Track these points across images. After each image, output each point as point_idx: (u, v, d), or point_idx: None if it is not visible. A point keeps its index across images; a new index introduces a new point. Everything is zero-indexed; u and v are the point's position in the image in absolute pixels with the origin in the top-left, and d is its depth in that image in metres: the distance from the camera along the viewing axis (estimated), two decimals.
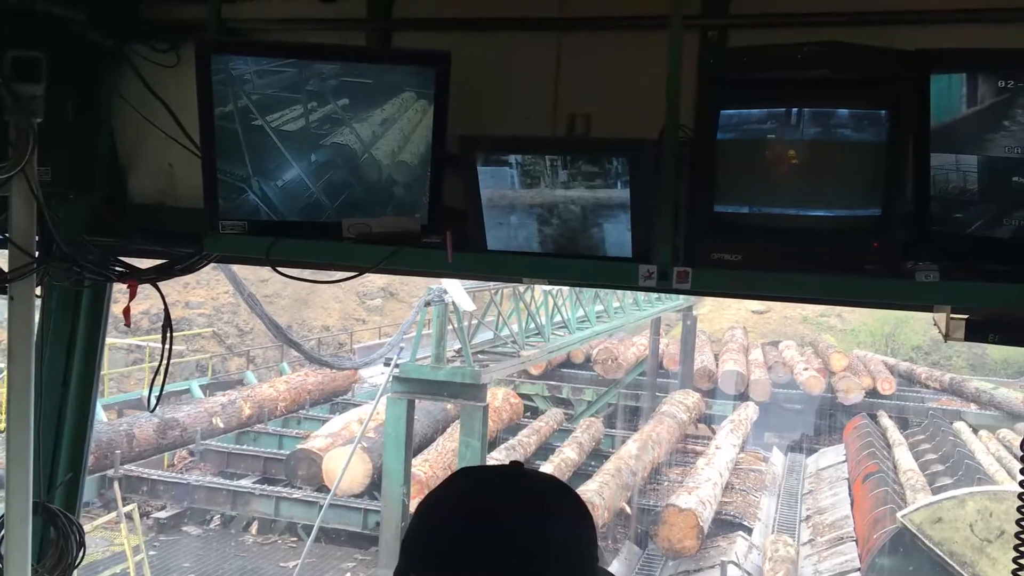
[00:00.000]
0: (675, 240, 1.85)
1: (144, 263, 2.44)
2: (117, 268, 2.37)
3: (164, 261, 2.37)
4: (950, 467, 15.19)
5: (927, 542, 9.50)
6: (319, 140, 2.01)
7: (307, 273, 2.34)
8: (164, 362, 2.37)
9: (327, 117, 2.00)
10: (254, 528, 14.66)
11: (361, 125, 2.01)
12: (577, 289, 15.54)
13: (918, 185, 1.71)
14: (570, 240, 1.92)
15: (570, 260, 1.93)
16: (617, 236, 1.88)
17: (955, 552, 9.36)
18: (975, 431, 19.10)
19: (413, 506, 10.71)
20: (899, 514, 10.39)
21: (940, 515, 9.52)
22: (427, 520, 1.16)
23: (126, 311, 2.34)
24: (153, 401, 2.40)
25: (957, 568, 9.33)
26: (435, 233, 2.01)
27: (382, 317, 35.23)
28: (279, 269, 2.19)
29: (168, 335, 2.37)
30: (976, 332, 1.66)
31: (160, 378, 2.31)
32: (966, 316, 1.71)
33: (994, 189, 1.66)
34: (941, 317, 1.79)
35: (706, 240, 1.81)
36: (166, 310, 2.37)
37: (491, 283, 13.10)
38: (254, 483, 14.69)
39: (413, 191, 2.04)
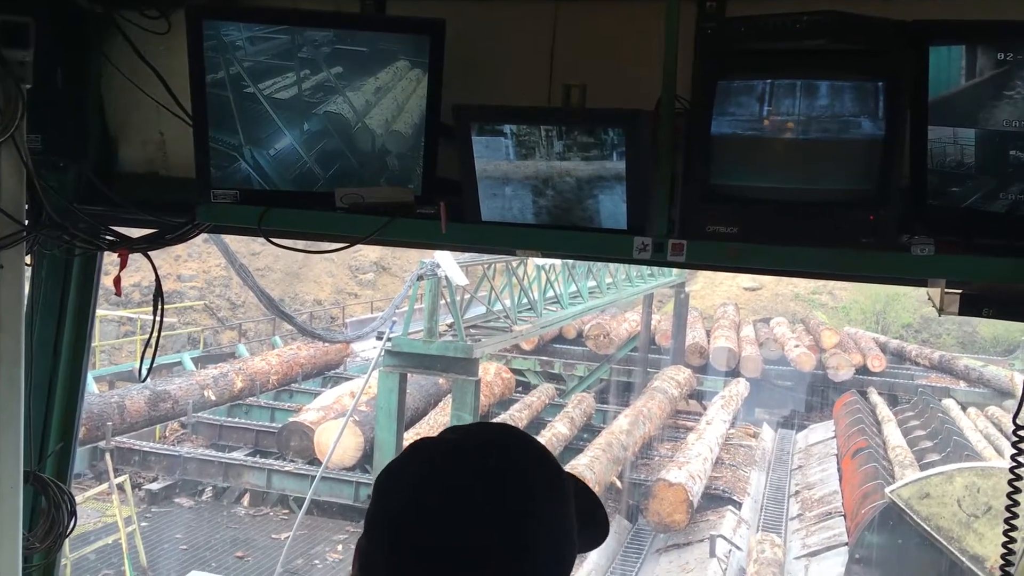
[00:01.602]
0: (670, 212, 1.84)
1: (135, 233, 2.42)
2: (108, 237, 2.35)
3: (155, 231, 2.34)
4: (938, 443, 15.29)
5: (915, 517, 9.59)
6: (312, 109, 1.99)
7: (300, 244, 2.33)
8: (156, 332, 2.35)
9: (320, 85, 1.98)
10: (246, 500, 14.71)
11: (354, 94, 1.99)
12: (570, 264, 15.54)
13: (915, 158, 1.70)
14: (565, 211, 1.91)
15: (564, 232, 1.92)
16: (612, 208, 1.87)
17: (942, 527, 9.45)
18: (964, 408, 19.22)
19: None
20: (887, 489, 10.48)
21: (928, 490, 9.60)
22: (395, 496, 1.10)
23: (117, 280, 2.32)
24: (144, 371, 2.39)
25: (944, 543, 9.42)
26: (429, 204, 1.99)
27: (374, 291, 35.19)
28: (271, 239, 2.18)
29: (160, 305, 2.36)
30: (970, 306, 1.66)
31: (152, 348, 2.29)
32: (960, 290, 1.71)
33: (991, 163, 1.65)
34: (935, 291, 1.79)
35: (702, 212, 1.80)
36: (157, 279, 2.36)
37: (484, 257, 13.08)
38: (246, 455, 14.72)
39: (407, 161, 2.03)
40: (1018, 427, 1.61)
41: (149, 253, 2.38)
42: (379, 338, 11.31)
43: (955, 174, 1.69)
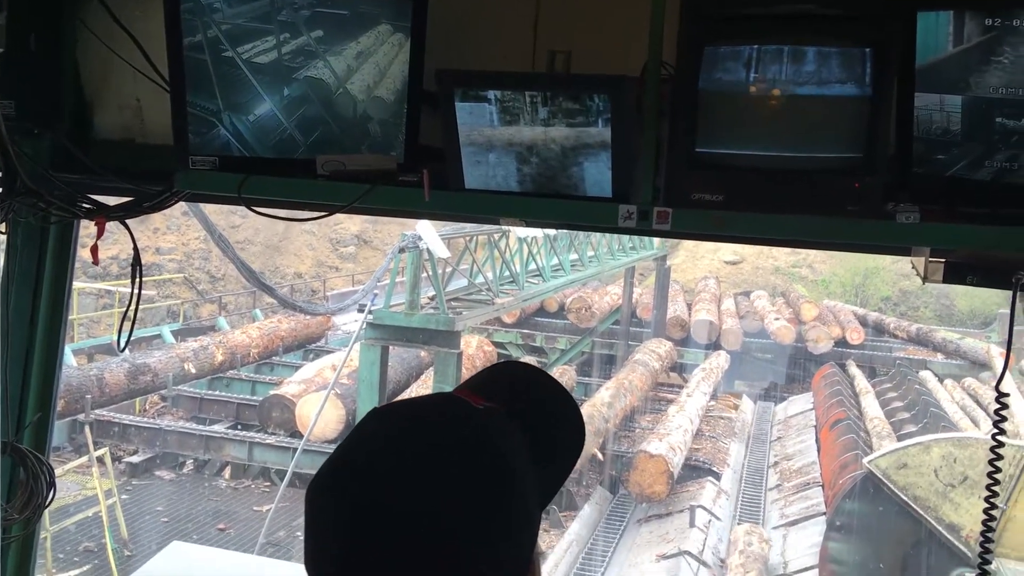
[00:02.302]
0: (656, 180, 1.83)
1: (112, 201, 2.38)
2: (84, 205, 2.31)
3: (132, 199, 2.30)
4: (915, 415, 15.48)
5: (892, 487, 9.71)
6: (292, 73, 1.96)
7: (282, 213, 2.30)
8: (134, 303, 2.32)
9: (300, 49, 1.94)
10: (227, 473, 14.71)
11: (335, 59, 1.95)
12: (552, 237, 15.51)
13: (901, 126, 1.69)
14: (549, 179, 1.89)
15: (549, 199, 1.90)
16: (597, 175, 1.85)
17: (919, 497, 9.58)
18: (941, 380, 19.46)
19: None
20: (865, 460, 10.60)
21: (905, 461, 9.71)
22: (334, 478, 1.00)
23: (94, 249, 2.28)
24: (123, 342, 2.36)
25: (921, 512, 9.55)
26: (412, 171, 1.96)
27: (355, 264, 35.09)
28: (252, 207, 2.15)
29: (138, 275, 2.32)
30: (954, 274, 1.66)
31: (130, 319, 2.26)
32: (944, 259, 1.71)
33: (977, 130, 1.65)
34: (920, 260, 1.79)
35: (687, 180, 1.79)
36: (135, 248, 2.32)
37: (466, 229, 13.04)
38: (227, 428, 14.70)
39: (389, 128, 1.99)
40: (1001, 394, 1.62)
41: (127, 221, 2.34)
42: (360, 311, 11.28)
43: (941, 141, 1.68)
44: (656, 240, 23.32)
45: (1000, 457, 1.73)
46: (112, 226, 2.37)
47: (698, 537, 12.00)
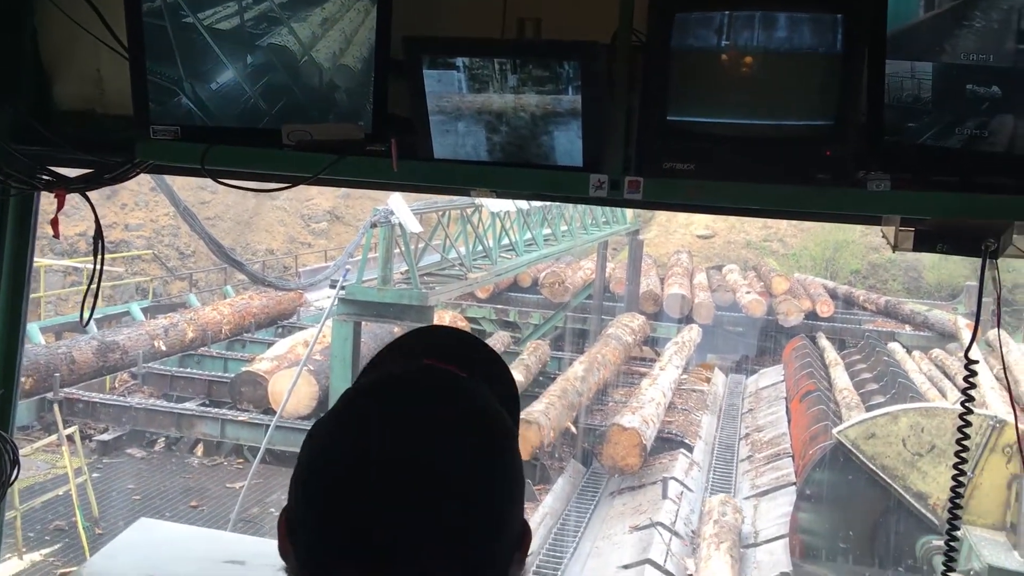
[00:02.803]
0: (627, 149, 1.81)
1: (74, 174, 2.33)
2: (44, 177, 2.26)
3: (93, 170, 2.25)
4: (884, 385, 15.70)
5: (861, 457, 9.87)
6: (255, 40, 1.91)
7: (247, 184, 2.25)
8: (97, 276, 2.28)
9: (263, 15, 1.89)
10: (199, 450, 14.63)
11: (300, 25, 1.91)
12: (525, 211, 15.49)
13: (872, 93, 1.68)
14: (519, 148, 1.86)
15: (519, 169, 1.88)
16: (568, 144, 1.83)
17: (887, 466, 9.76)
18: (909, 351, 19.72)
19: None
20: (835, 430, 10.77)
21: (874, 431, 9.88)
22: (330, 446, 0.97)
23: (54, 222, 2.23)
24: (87, 316, 2.32)
25: (889, 481, 9.73)
26: (380, 141, 1.93)
27: (327, 241, 34.90)
28: (217, 179, 2.10)
29: (100, 248, 2.28)
30: (924, 242, 1.66)
31: (94, 290, 2.22)
32: (915, 227, 1.71)
33: (948, 97, 1.64)
34: (890, 229, 1.79)
35: (658, 149, 1.77)
36: (96, 221, 2.27)
37: (439, 204, 12.99)
38: (198, 406, 14.60)
39: (356, 96, 1.95)
40: (969, 362, 1.63)
41: (88, 194, 2.29)
42: (332, 286, 11.22)
43: (912, 109, 1.67)
44: (629, 214, 23.37)
45: (968, 424, 1.74)
46: (78, 202, 2.32)
47: (671, 508, 12.13)
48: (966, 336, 18.97)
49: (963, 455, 1.68)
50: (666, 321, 22.45)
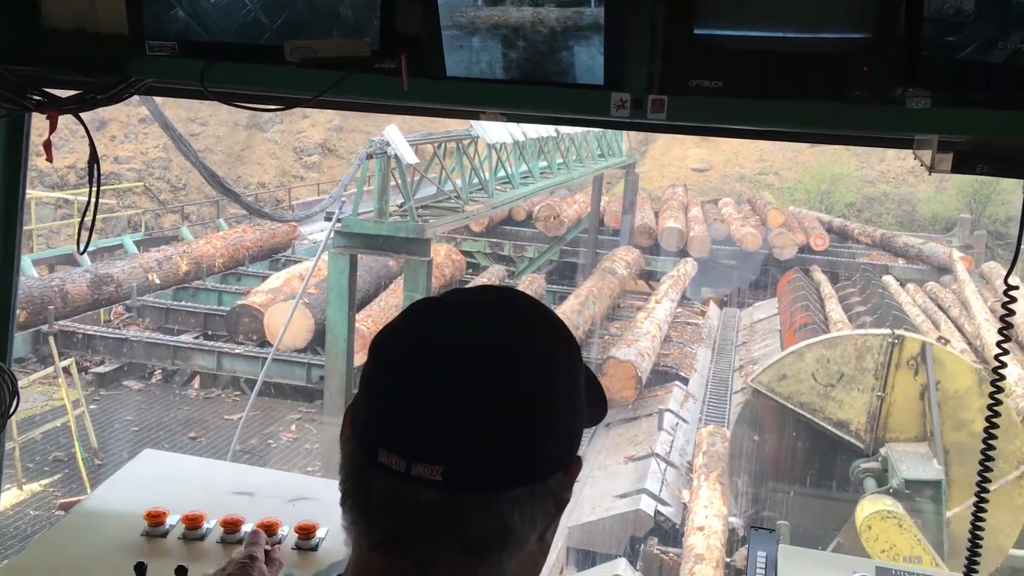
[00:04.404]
0: (651, 66, 1.71)
1: (67, 95, 2.23)
2: (35, 97, 2.15)
3: (87, 91, 2.15)
4: (878, 318, 15.73)
5: (778, 398, 10.07)
6: None
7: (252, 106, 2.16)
8: (93, 201, 2.19)
9: None
10: (196, 382, 14.68)
11: None
12: (521, 144, 15.28)
13: (911, 5, 1.58)
14: (537, 65, 1.76)
15: (537, 87, 1.78)
16: (588, 61, 1.73)
17: (804, 402, 10.00)
18: (903, 284, 19.76)
19: (359, 360, 10.76)
20: (749, 379, 11.01)
21: (784, 372, 10.11)
22: (395, 345, 0.99)
23: (47, 144, 2.14)
24: (83, 244, 2.24)
25: (809, 416, 9.95)
26: (388, 57, 1.83)
27: (320, 174, 34.59)
28: (218, 100, 2.01)
29: (95, 171, 2.18)
30: (963, 163, 1.59)
31: (91, 216, 2.13)
32: (953, 148, 1.63)
33: (991, 9, 1.55)
34: (926, 152, 1.71)
35: (684, 65, 1.68)
36: (91, 143, 2.18)
37: (434, 134, 12.80)
38: (194, 338, 14.59)
39: (362, 10, 1.84)
40: (1009, 287, 1.57)
41: (81, 115, 2.20)
42: (328, 219, 11.09)
43: (952, 22, 1.58)
44: (624, 147, 23.14)
45: (1006, 352, 1.68)
46: (67, 133, 2.23)
47: (666, 439, 12.25)
48: (960, 269, 19.04)
49: (999, 383, 1.62)
50: (662, 255, 22.40)
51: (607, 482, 11.42)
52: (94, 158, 2.22)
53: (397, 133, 10.52)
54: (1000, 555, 9.30)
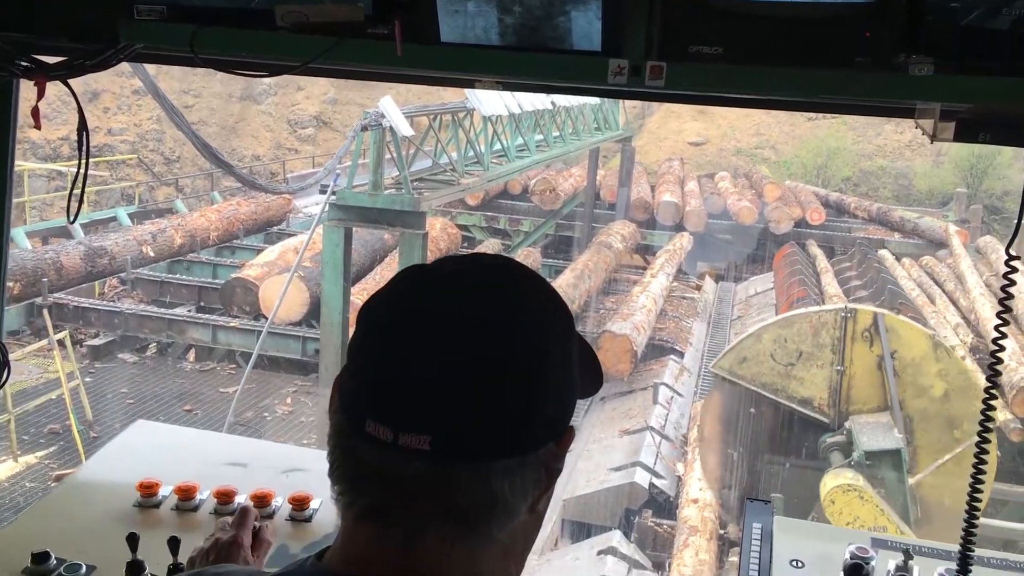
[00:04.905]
0: (649, 30, 1.68)
1: (53, 60, 2.19)
2: (23, 64, 2.11)
3: (75, 57, 2.11)
4: (873, 292, 15.75)
5: (740, 382, 10.13)
6: None
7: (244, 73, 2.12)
8: (82, 170, 2.16)
9: None
10: (191, 356, 14.66)
11: None
12: (517, 116, 15.18)
13: None
14: (533, 31, 1.73)
15: (532, 54, 1.75)
16: (586, 26, 1.70)
17: (767, 383, 10.08)
18: (898, 258, 19.75)
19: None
20: (710, 365, 11.06)
21: (744, 355, 10.18)
22: (385, 316, 0.97)
23: (35, 111, 2.11)
24: (73, 213, 2.21)
25: (773, 396, 10.03)
26: (381, 23, 1.79)
27: (315, 147, 34.41)
28: (207, 65, 1.97)
29: (84, 139, 2.15)
30: (966, 131, 1.56)
31: (80, 185, 2.10)
32: (956, 116, 1.61)
33: None
34: (928, 120, 1.69)
35: (683, 31, 1.64)
36: (80, 111, 2.14)
37: (430, 106, 12.71)
38: (189, 312, 14.56)
39: None
40: (1010, 257, 1.55)
41: (71, 83, 2.16)
42: (322, 191, 11.03)
43: None
44: (621, 120, 23.02)
45: (1006, 324, 1.66)
46: (59, 105, 2.20)
47: (661, 413, 12.29)
48: (956, 243, 19.02)
49: (996, 367, 1.60)
50: (658, 229, 22.36)
51: (602, 455, 11.47)
52: (83, 127, 2.19)
53: (392, 105, 10.43)
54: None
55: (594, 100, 19.52)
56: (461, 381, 0.90)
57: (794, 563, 2.08)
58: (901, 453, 9.24)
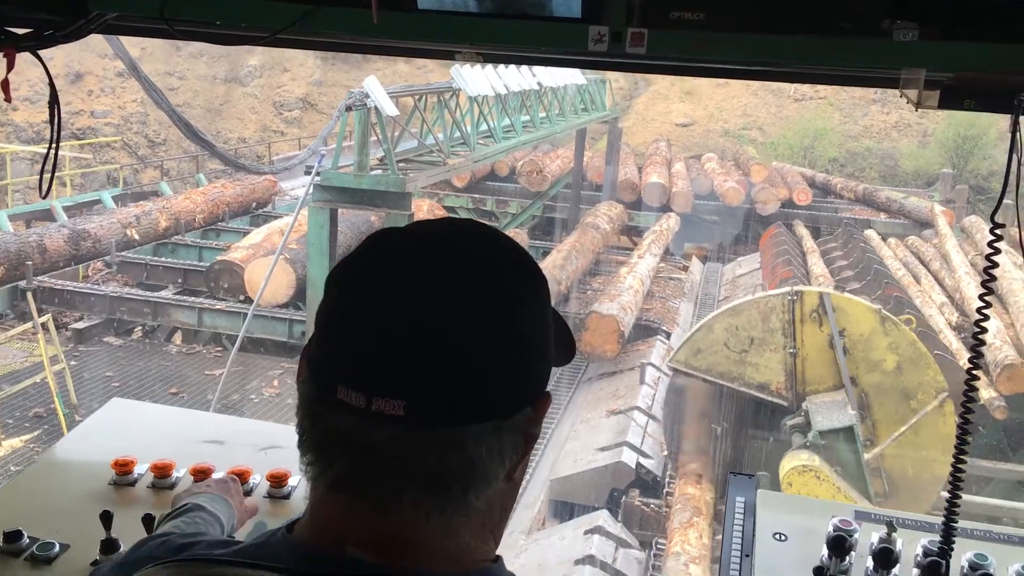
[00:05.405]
0: None
1: (22, 33, 2.14)
2: None
3: (43, 27, 2.06)
4: (859, 272, 15.81)
5: (697, 373, 10.19)
6: None
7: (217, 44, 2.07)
8: (54, 143, 2.11)
9: None
10: (177, 338, 14.59)
11: None
12: (503, 97, 15.11)
13: None
14: None
15: (512, 20, 1.71)
16: None
17: (723, 372, 10.16)
18: (884, 239, 19.81)
19: None
20: (667, 360, 11.15)
21: (698, 346, 10.27)
22: (354, 287, 0.94)
23: (4, 83, 2.05)
24: (45, 186, 2.16)
25: (731, 384, 10.11)
26: None
27: (300, 129, 34.20)
28: (178, 34, 1.93)
29: (56, 112, 2.10)
30: (951, 99, 1.54)
31: (52, 157, 2.06)
32: (940, 84, 1.58)
33: None
34: (912, 89, 1.66)
35: None
36: (50, 81, 2.09)
37: (415, 86, 12.62)
38: (175, 294, 14.47)
39: None
40: (995, 225, 1.53)
41: (40, 53, 2.11)
42: (307, 173, 10.95)
43: None
44: (608, 101, 22.95)
45: (989, 304, 1.65)
46: (43, 87, 2.14)
47: (647, 393, 12.30)
48: (942, 223, 19.08)
49: (979, 349, 1.59)
50: (644, 210, 22.35)
51: (589, 435, 11.48)
52: (54, 99, 2.13)
53: (377, 85, 10.36)
54: (937, 484, 9.45)
55: (580, 79, 19.45)
56: (436, 345, 0.87)
57: (777, 536, 2.07)
58: (854, 429, 9.33)
